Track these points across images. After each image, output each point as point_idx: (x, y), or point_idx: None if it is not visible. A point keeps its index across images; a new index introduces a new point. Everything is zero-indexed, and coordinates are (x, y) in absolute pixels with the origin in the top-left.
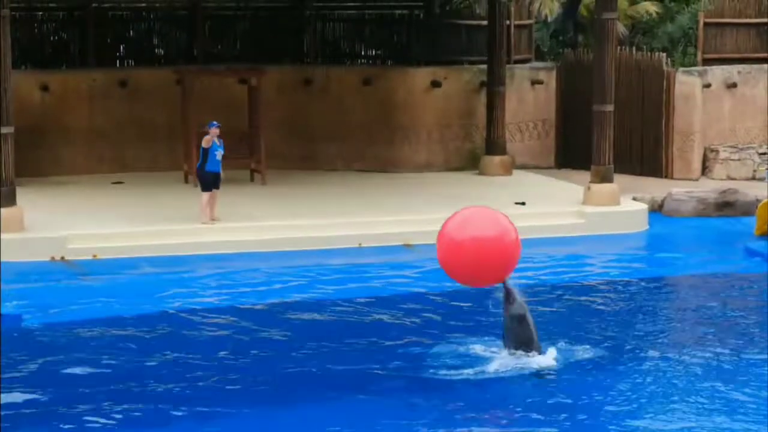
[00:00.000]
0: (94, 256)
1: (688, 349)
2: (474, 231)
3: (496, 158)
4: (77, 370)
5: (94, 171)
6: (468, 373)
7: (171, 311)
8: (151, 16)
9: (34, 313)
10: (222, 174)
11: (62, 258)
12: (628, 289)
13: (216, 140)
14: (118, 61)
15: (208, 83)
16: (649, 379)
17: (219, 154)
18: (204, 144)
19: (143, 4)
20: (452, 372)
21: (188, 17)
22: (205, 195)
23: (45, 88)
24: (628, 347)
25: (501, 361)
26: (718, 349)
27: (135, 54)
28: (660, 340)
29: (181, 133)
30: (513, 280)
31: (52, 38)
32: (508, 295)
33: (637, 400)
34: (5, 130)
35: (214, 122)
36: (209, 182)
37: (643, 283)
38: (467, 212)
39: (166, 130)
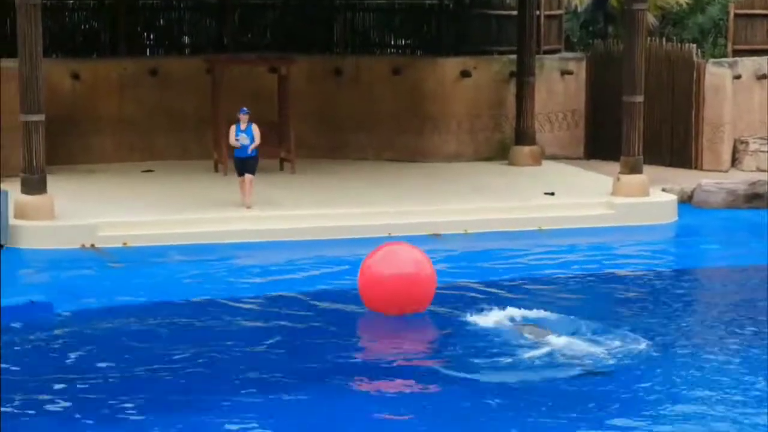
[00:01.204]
0: (124, 243)
1: (722, 341)
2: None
3: (526, 149)
4: (107, 358)
5: (125, 159)
6: (507, 361)
7: (200, 299)
8: (181, 5)
9: (65, 300)
10: (251, 160)
11: (92, 246)
12: (657, 280)
13: (243, 125)
14: (148, 50)
15: (237, 72)
16: (683, 370)
17: (242, 138)
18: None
19: None
20: (489, 360)
21: (218, 6)
22: (239, 180)
23: (76, 76)
24: (659, 338)
25: (547, 348)
26: (751, 340)
27: (165, 43)
28: (694, 331)
29: (211, 122)
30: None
31: (82, 27)
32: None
33: (672, 391)
34: (36, 118)
35: (243, 108)
36: (236, 167)
37: (672, 275)
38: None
39: (196, 118)
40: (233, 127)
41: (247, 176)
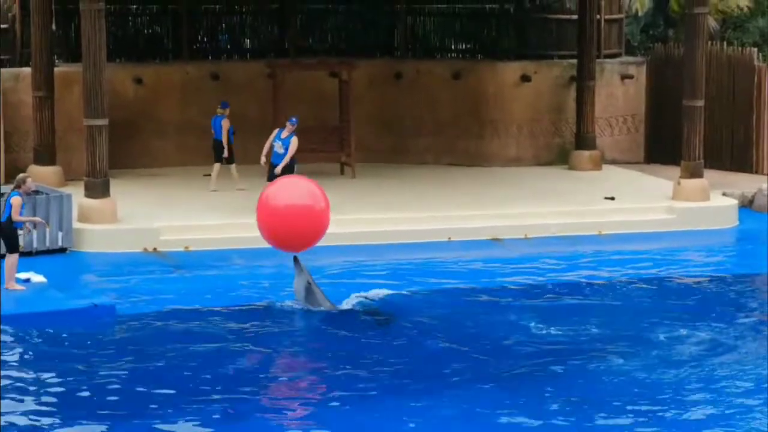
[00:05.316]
0: (186, 247)
1: None
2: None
3: (586, 153)
4: (169, 360)
5: (186, 163)
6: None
7: (262, 303)
8: (243, 10)
9: (127, 303)
10: (285, 169)
11: (154, 249)
12: (718, 285)
13: (284, 134)
14: (210, 54)
15: (299, 77)
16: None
17: (277, 146)
18: None
19: None
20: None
21: (280, 11)
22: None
23: (139, 81)
24: (723, 340)
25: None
26: None
27: (227, 47)
28: (760, 335)
29: (272, 126)
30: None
31: (145, 32)
32: (298, 266)
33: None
34: (100, 122)
35: (293, 118)
36: (268, 173)
37: (732, 280)
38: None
39: (258, 123)
40: (275, 131)
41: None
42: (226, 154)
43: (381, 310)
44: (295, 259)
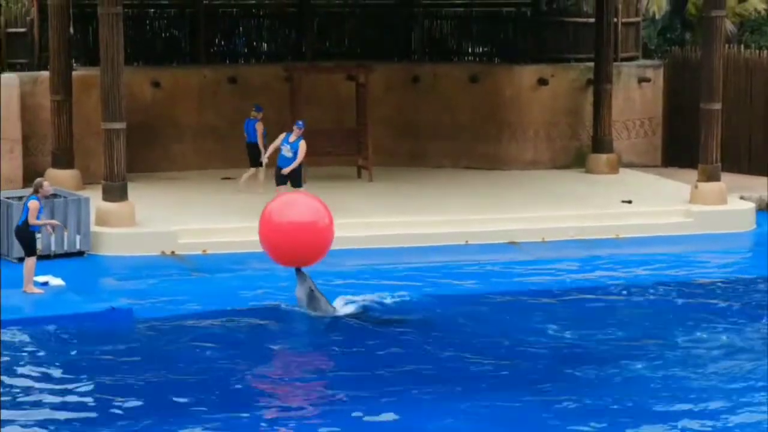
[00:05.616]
0: (204, 251)
1: None
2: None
3: (603, 156)
4: (186, 363)
5: (204, 167)
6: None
7: (279, 306)
8: (261, 13)
9: (145, 307)
10: (292, 172)
11: (172, 253)
12: (736, 288)
13: (292, 137)
14: (227, 58)
15: (316, 80)
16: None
17: (285, 149)
18: None
19: (253, 1)
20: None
21: (297, 14)
22: (276, 189)
23: (156, 84)
24: (743, 343)
25: None
26: None
27: (244, 50)
28: None
29: (290, 130)
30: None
31: (163, 35)
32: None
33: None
34: (118, 125)
35: (299, 122)
36: (276, 177)
37: (750, 283)
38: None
39: (275, 126)
40: (282, 135)
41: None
42: (264, 158)
43: (396, 313)
44: (297, 267)
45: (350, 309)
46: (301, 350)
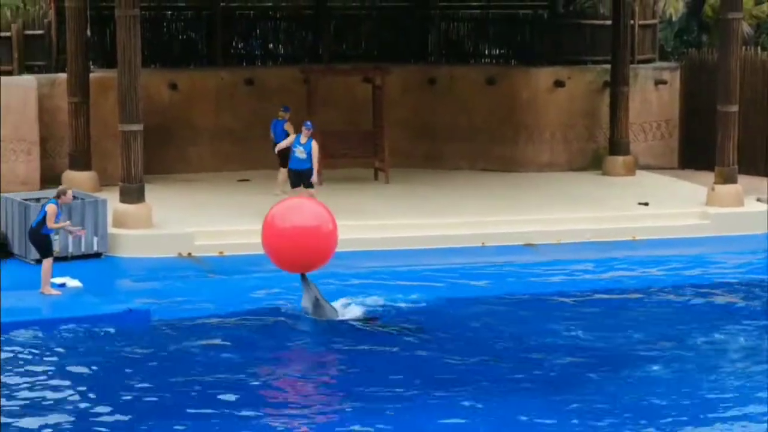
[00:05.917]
0: (220, 252)
1: None
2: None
3: (620, 158)
4: (203, 365)
5: (221, 169)
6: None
7: (295, 308)
8: (277, 15)
9: (162, 308)
10: (307, 172)
11: (189, 254)
12: (754, 290)
13: (303, 139)
14: (244, 60)
15: (332, 82)
16: None
17: (298, 151)
18: None
19: (269, 4)
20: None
21: (314, 17)
22: (290, 191)
23: (173, 86)
24: (760, 345)
25: None
26: None
27: (261, 53)
28: None
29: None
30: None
31: (180, 37)
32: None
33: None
34: (135, 127)
35: (308, 123)
36: (290, 179)
37: (766, 285)
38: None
39: (293, 128)
40: (293, 137)
41: (306, 191)
42: (276, 150)
43: (411, 316)
44: (302, 275)
45: (358, 312)
46: (317, 351)
